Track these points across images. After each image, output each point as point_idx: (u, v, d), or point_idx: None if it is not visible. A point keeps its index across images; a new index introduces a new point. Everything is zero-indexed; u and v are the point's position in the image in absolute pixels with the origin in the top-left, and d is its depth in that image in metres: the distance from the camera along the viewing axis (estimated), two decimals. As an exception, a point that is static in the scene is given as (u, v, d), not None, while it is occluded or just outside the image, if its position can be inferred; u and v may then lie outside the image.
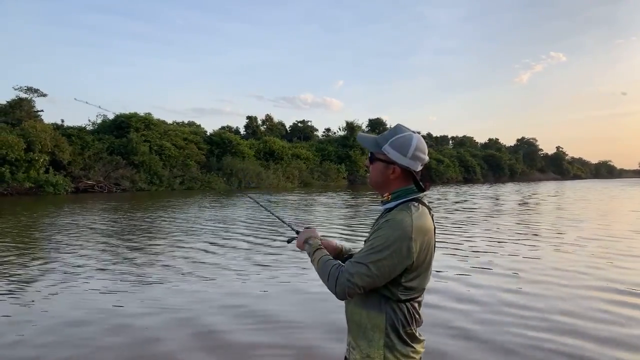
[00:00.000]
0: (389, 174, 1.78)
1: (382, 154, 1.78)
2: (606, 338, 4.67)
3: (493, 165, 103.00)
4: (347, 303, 1.84)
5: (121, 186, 40.69)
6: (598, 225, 14.58)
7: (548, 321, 5.18)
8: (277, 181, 53.22)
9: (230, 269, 8.06)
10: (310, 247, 1.94)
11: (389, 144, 1.76)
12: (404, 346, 1.70)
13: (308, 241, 1.98)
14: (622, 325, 5.06)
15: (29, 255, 9.42)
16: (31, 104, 43.75)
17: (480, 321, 5.21)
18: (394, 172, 1.77)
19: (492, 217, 17.52)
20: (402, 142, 1.75)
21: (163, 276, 7.48)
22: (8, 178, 33.26)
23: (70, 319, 5.30)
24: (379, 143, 1.79)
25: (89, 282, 7.05)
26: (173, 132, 50.79)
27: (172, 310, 5.64)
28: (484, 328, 4.99)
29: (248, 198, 4.01)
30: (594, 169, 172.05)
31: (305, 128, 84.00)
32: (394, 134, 1.77)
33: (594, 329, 4.92)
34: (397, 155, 1.75)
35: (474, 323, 5.15)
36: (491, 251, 9.80)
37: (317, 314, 5.49)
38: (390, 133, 1.79)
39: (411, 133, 1.77)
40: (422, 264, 1.71)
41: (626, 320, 5.25)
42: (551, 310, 5.57)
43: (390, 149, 1.75)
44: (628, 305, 5.86)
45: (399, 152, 1.74)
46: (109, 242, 11.14)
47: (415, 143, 1.74)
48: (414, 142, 1.74)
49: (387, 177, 1.79)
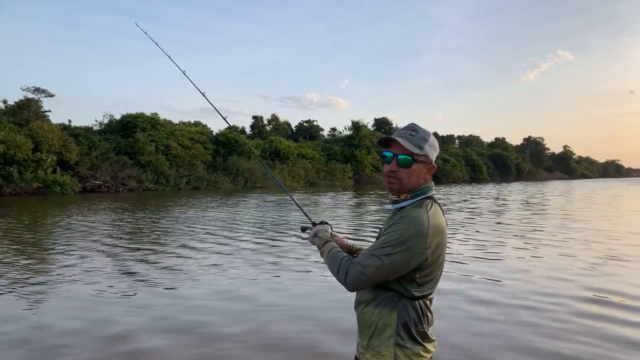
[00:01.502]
0: (424, 173, 1.77)
1: (425, 155, 1.74)
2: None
3: (499, 164, 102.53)
4: (357, 301, 1.84)
5: (128, 186, 40.86)
6: (594, 227, 14.45)
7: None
8: (283, 181, 53.27)
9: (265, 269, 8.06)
10: (320, 240, 1.98)
11: (429, 145, 1.75)
12: (414, 344, 1.69)
13: (317, 234, 2.01)
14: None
15: (37, 255, 9.47)
16: (39, 104, 43.96)
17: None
18: (429, 171, 1.78)
19: (484, 218, 17.41)
20: (434, 141, 1.77)
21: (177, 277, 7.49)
22: (16, 178, 33.49)
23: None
24: (420, 145, 1.73)
25: (93, 285, 7.07)
26: (179, 132, 50.94)
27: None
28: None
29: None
30: (601, 168, 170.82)
31: (310, 128, 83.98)
32: (426, 134, 1.76)
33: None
34: (434, 154, 1.77)
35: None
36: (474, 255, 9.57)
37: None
38: (423, 133, 1.76)
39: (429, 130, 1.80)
40: (435, 261, 1.71)
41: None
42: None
43: (430, 149, 1.76)
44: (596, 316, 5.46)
45: (435, 150, 1.78)
46: (120, 243, 11.18)
47: (435, 139, 1.80)
48: (434, 138, 1.79)
49: (422, 177, 1.77)
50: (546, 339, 4.60)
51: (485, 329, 4.95)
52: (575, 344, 4.48)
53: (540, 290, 6.45)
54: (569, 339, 4.61)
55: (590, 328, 4.95)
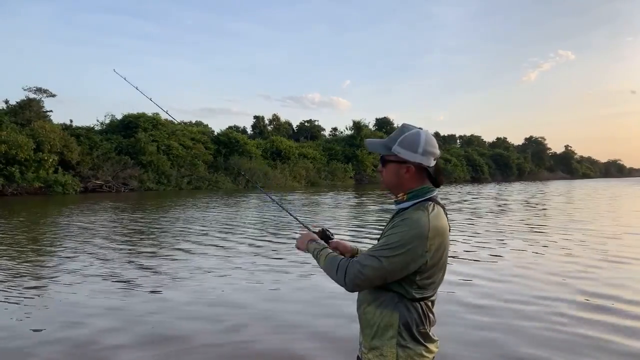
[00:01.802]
0: (403, 173, 1.78)
1: (393, 155, 1.78)
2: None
3: (501, 164, 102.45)
4: (360, 301, 1.85)
5: (129, 186, 40.96)
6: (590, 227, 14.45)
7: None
8: (284, 181, 53.30)
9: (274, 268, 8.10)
10: (316, 245, 1.96)
11: (398, 144, 1.76)
12: (416, 345, 1.70)
13: (315, 240, 2.00)
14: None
15: (44, 255, 9.52)
16: (40, 104, 44.10)
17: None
18: (408, 170, 1.77)
19: (480, 218, 17.42)
20: (411, 140, 1.75)
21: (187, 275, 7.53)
22: (18, 178, 33.61)
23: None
24: (388, 145, 1.79)
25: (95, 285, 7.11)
26: (181, 132, 50.97)
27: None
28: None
29: (265, 196, 3.97)
30: (603, 168, 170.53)
31: (312, 127, 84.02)
32: (401, 133, 1.78)
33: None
34: (408, 153, 1.75)
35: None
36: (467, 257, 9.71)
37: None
38: (397, 133, 1.80)
39: (418, 129, 1.78)
40: (436, 264, 1.71)
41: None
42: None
43: (400, 148, 1.76)
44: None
45: (410, 149, 1.75)
46: (120, 242, 11.23)
47: (424, 138, 1.75)
48: (422, 137, 1.75)
49: (401, 177, 1.79)
50: (543, 349, 4.51)
51: (477, 337, 4.83)
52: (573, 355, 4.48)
53: (537, 294, 6.43)
54: (564, 349, 4.56)
55: (585, 337, 4.87)
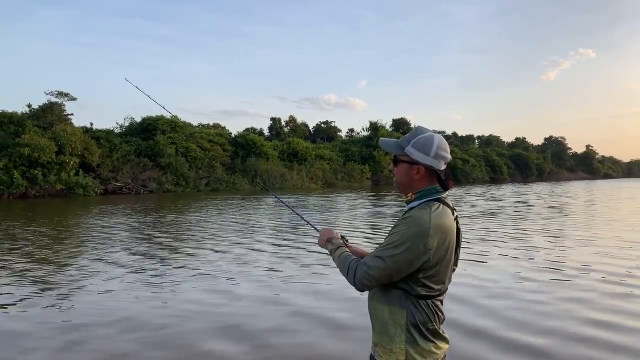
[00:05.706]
0: (413, 174, 1.84)
1: (406, 155, 1.85)
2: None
3: (520, 164, 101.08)
4: (370, 300, 1.91)
5: (148, 187, 41.42)
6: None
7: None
8: (301, 182, 53.39)
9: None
10: (332, 245, 2.04)
11: (412, 145, 1.83)
12: (425, 342, 1.74)
13: (331, 240, 2.07)
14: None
15: (74, 255, 9.68)
16: (62, 107, 44.83)
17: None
18: (419, 172, 1.83)
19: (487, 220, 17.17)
20: (424, 142, 1.81)
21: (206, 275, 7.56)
22: (40, 180, 34.26)
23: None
24: (402, 145, 1.86)
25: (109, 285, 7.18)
26: (198, 134, 51.43)
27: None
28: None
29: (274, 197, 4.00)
30: (625, 168, 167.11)
31: (328, 129, 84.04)
32: (416, 135, 1.84)
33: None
34: (421, 155, 1.81)
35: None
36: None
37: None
38: (412, 135, 1.86)
39: (432, 133, 1.84)
40: (441, 262, 1.75)
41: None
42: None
43: (413, 149, 1.82)
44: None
45: (422, 152, 1.81)
46: (143, 242, 11.36)
47: (437, 142, 1.81)
48: (436, 141, 1.81)
49: (411, 177, 1.85)
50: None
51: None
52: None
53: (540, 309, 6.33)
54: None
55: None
